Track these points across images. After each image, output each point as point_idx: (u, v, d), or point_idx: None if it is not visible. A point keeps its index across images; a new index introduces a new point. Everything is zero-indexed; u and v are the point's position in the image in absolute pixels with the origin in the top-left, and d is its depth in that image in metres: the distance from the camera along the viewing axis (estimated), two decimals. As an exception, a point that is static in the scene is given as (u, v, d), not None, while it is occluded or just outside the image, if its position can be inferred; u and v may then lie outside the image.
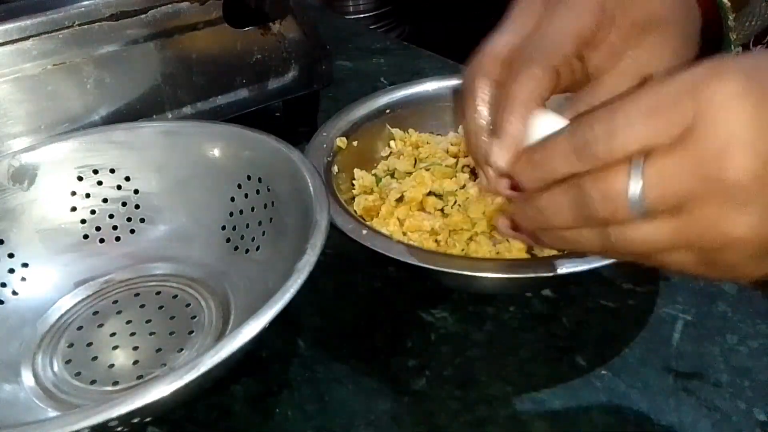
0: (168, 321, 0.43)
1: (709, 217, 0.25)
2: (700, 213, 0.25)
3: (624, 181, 0.25)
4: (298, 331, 0.44)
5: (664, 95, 0.25)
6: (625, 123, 0.25)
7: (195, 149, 0.47)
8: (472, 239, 0.45)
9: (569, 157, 0.27)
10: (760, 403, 0.37)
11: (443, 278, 0.45)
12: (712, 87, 0.24)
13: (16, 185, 0.45)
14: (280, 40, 0.59)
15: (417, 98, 0.56)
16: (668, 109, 0.25)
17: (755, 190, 0.24)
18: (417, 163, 0.53)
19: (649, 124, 0.25)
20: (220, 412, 0.38)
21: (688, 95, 0.24)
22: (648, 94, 0.25)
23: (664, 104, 0.25)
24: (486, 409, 0.38)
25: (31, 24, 0.47)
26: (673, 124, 0.24)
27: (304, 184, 0.41)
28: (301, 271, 0.34)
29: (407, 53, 0.84)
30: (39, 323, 0.43)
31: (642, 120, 0.25)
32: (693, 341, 0.41)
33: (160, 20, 0.52)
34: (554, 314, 0.44)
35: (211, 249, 0.46)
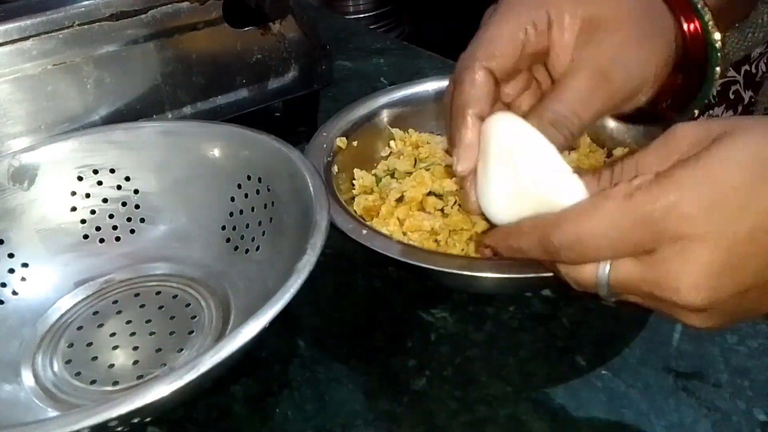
0: (168, 321, 0.43)
1: (664, 307, 0.30)
2: (658, 304, 0.30)
3: (593, 276, 0.30)
4: (298, 331, 0.44)
5: (629, 219, 0.28)
6: (593, 244, 0.28)
7: (195, 149, 0.47)
8: (472, 239, 0.45)
9: (541, 254, 0.31)
10: (760, 403, 0.37)
11: (443, 278, 0.45)
12: (674, 222, 0.27)
13: (16, 185, 0.45)
14: (280, 40, 0.59)
15: (417, 98, 0.56)
16: (631, 234, 0.28)
17: (706, 310, 0.28)
18: (417, 163, 0.53)
19: (615, 247, 0.28)
20: (220, 412, 0.38)
21: (652, 224, 0.27)
22: (612, 214, 0.28)
23: (627, 229, 0.28)
24: (486, 409, 0.38)
25: (31, 24, 0.47)
26: (637, 247, 0.28)
27: (304, 184, 0.41)
28: (301, 271, 0.34)
29: (407, 53, 0.84)
30: (39, 323, 0.43)
31: (607, 243, 0.28)
32: (693, 341, 0.41)
33: (160, 20, 0.52)
34: (554, 314, 0.44)
35: (211, 249, 0.46)
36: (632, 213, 0.27)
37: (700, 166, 0.27)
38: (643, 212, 0.27)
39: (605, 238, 0.28)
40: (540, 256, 0.31)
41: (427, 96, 0.56)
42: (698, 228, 0.27)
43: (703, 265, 0.27)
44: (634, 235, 0.28)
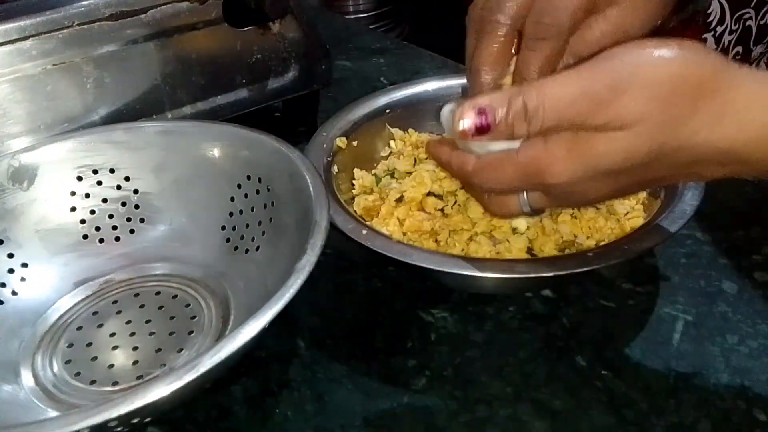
0: (168, 321, 0.43)
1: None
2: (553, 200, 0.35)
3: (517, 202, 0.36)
4: (298, 331, 0.44)
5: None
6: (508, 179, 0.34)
7: (195, 149, 0.47)
8: (472, 239, 0.45)
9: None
10: (760, 403, 0.37)
11: (443, 278, 0.45)
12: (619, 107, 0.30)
13: (16, 185, 0.45)
14: (280, 40, 0.59)
15: (417, 98, 0.56)
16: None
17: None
18: (417, 163, 0.53)
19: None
20: (219, 412, 0.38)
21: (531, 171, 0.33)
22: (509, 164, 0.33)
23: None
24: (486, 409, 0.38)
25: (31, 24, 0.47)
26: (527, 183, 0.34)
27: (304, 184, 0.41)
28: (301, 271, 0.34)
29: (407, 53, 0.84)
30: (38, 323, 0.43)
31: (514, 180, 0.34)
32: (693, 341, 0.41)
33: (160, 20, 0.52)
34: (554, 314, 0.44)
35: (211, 249, 0.46)
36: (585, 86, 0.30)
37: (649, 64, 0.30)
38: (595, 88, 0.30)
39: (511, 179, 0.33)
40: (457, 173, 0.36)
41: (427, 96, 0.56)
42: (638, 120, 0.30)
43: (615, 154, 0.31)
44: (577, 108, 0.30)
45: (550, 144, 0.32)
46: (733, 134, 0.30)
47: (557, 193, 0.34)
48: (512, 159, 0.33)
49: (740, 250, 0.48)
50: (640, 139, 0.30)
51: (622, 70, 0.30)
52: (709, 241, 0.49)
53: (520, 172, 0.33)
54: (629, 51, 0.30)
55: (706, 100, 0.29)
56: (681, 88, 0.29)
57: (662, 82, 0.29)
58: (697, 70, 0.29)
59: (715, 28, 0.71)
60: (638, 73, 0.29)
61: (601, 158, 0.31)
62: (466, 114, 0.31)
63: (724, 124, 0.30)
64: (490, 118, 0.31)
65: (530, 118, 0.30)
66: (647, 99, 0.29)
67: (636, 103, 0.29)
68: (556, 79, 0.30)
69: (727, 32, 0.72)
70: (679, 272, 0.46)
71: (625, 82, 0.29)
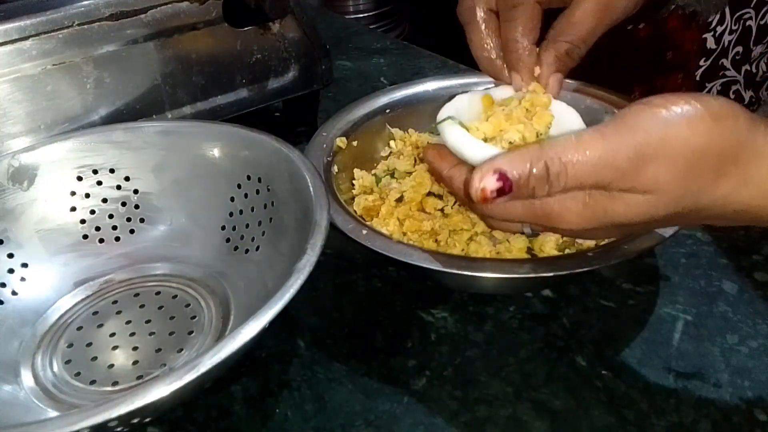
0: (168, 321, 0.43)
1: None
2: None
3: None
4: (298, 331, 0.44)
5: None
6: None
7: (195, 149, 0.47)
8: (472, 239, 0.45)
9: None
10: (760, 403, 0.37)
11: (443, 278, 0.45)
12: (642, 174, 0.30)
13: (16, 185, 0.45)
14: (280, 40, 0.59)
15: (417, 98, 0.56)
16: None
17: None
18: (417, 163, 0.53)
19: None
20: (219, 412, 0.38)
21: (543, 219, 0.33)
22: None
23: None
24: (486, 409, 0.38)
25: (31, 24, 0.47)
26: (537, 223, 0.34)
27: (304, 184, 0.41)
28: (301, 271, 0.34)
29: (407, 53, 0.84)
30: (38, 323, 0.43)
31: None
32: (693, 341, 0.41)
33: (160, 20, 0.52)
34: (554, 314, 0.44)
35: (211, 249, 0.46)
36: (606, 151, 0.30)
37: (671, 130, 0.29)
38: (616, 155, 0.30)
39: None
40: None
41: (427, 96, 0.56)
42: (660, 190, 0.30)
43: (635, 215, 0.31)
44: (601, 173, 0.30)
45: (566, 196, 0.31)
46: (753, 200, 0.30)
47: (561, 234, 0.35)
48: (525, 202, 0.32)
49: (740, 250, 0.48)
50: (660, 204, 0.30)
51: (646, 139, 0.29)
52: (709, 241, 0.49)
53: (531, 213, 0.33)
54: (654, 114, 0.30)
55: (729, 168, 0.30)
56: (706, 159, 0.29)
57: (687, 154, 0.29)
58: (723, 139, 0.29)
59: (715, 28, 0.71)
60: (663, 144, 0.29)
61: (618, 216, 0.31)
62: (486, 179, 0.31)
63: (745, 190, 0.30)
64: (511, 181, 0.30)
65: (551, 182, 0.30)
66: (671, 171, 0.29)
67: (660, 174, 0.29)
68: (580, 144, 0.30)
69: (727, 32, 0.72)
70: (679, 272, 0.46)
71: (650, 152, 0.29)
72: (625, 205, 0.31)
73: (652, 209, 0.30)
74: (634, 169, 0.29)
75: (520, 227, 0.37)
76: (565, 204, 0.32)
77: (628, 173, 0.29)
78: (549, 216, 0.32)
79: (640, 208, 0.30)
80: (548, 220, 0.33)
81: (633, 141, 0.29)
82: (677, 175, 0.29)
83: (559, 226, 0.33)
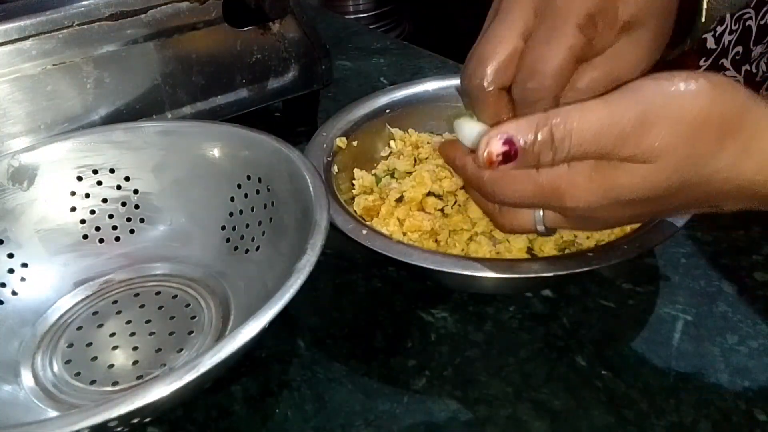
0: (168, 321, 0.43)
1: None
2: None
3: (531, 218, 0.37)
4: (298, 331, 0.44)
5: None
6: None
7: (195, 149, 0.47)
8: (472, 239, 0.45)
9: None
10: (760, 403, 0.37)
11: (443, 278, 0.45)
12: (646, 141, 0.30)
13: (16, 185, 0.45)
14: (280, 40, 0.59)
15: (417, 98, 0.56)
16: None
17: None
18: (417, 163, 0.53)
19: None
20: (219, 412, 0.38)
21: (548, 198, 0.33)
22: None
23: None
24: (486, 409, 0.38)
25: (31, 24, 0.47)
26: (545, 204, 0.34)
27: (304, 184, 0.41)
28: (301, 271, 0.34)
29: (407, 53, 0.84)
30: (38, 323, 0.43)
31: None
32: (693, 341, 0.41)
33: (160, 20, 0.52)
34: (554, 314, 0.44)
35: (211, 249, 0.46)
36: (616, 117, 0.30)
37: (681, 98, 0.29)
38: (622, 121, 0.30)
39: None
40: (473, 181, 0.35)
41: (427, 96, 0.56)
42: (662, 156, 0.30)
43: (638, 186, 0.31)
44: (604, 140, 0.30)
45: (573, 169, 0.32)
46: (756, 173, 0.30)
47: (575, 217, 0.34)
48: (533, 176, 0.32)
49: (740, 250, 0.48)
50: (663, 173, 0.30)
51: (649, 105, 0.29)
52: (709, 241, 0.49)
53: (539, 191, 0.33)
54: (657, 84, 0.30)
55: (731, 138, 0.30)
56: (707, 126, 0.29)
57: (689, 120, 0.29)
58: (724, 107, 0.29)
59: (714, 28, 0.71)
60: (666, 109, 0.29)
61: (622, 189, 0.31)
62: (492, 143, 0.31)
63: (746, 163, 0.30)
64: (517, 147, 0.31)
65: (556, 148, 0.30)
66: (673, 136, 0.29)
67: (662, 139, 0.29)
68: (584, 109, 0.30)
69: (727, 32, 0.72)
70: (679, 272, 0.46)
71: (652, 117, 0.29)
72: (629, 175, 0.31)
73: (654, 178, 0.30)
74: (636, 133, 0.29)
75: (532, 222, 0.36)
76: (573, 179, 0.32)
77: (630, 138, 0.29)
78: (557, 192, 0.32)
79: (643, 179, 0.30)
80: (557, 197, 0.32)
81: (636, 106, 0.29)
82: (679, 141, 0.29)
83: (568, 204, 0.32)
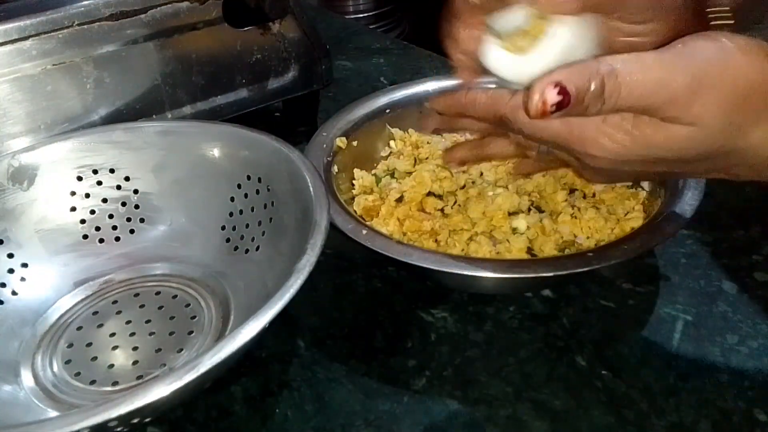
0: (168, 321, 0.43)
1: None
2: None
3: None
4: (298, 331, 0.44)
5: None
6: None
7: (195, 149, 0.47)
8: (472, 239, 0.45)
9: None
10: (760, 403, 0.37)
11: (443, 278, 0.45)
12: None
13: (16, 185, 0.45)
14: (280, 40, 0.59)
15: (417, 98, 0.56)
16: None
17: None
18: (417, 163, 0.53)
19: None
20: (219, 412, 0.38)
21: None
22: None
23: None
24: (486, 409, 0.38)
25: (31, 24, 0.47)
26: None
27: (304, 184, 0.41)
28: (301, 271, 0.34)
29: (407, 53, 0.84)
30: (38, 323, 0.43)
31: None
32: (693, 341, 0.41)
33: (160, 20, 0.52)
34: (554, 314, 0.44)
35: (211, 249, 0.46)
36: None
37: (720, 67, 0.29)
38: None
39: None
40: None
41: (427, 96, 0.56)
42: (703, 122, 0.29)
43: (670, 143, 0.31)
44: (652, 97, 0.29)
45: (608, 120, 0.31)
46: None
47: (589, 163, 0.33)
48: (566, 120, 0.31)
49: (740, 250, 0.48)
50: (702, 138, 0.30)
51: (703, 72, 0.29)
52: (709, 241, 0.49)
53: (565, 134, 0.32)
54: (715, 47, 0.29)
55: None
56: (754, 98, 0.29)
57: (739, 91, 0.29)
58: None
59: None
60: (718, 79, 0.29)
61: (657, 148, 0.31)
62: (548, 91, 0.30)
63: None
64: (570, 96, 0.30)
65: (605, 98, 0.30)
66: (721, 105, 0.29)
67: (710, 107, 0.29)
68: (636, 63, 0.29)
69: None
70: (679, 272, 0.46)
71: (705, 84, 0.29)
72: (667, 135, 0.30)
73: (691, 142, 0.30)
74: (687, 98, 0.29)
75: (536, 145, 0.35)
76: (605, 129, 0.31)
77: (679, 102, 0.29)
78: (582, 139, 0.32)
79: (682, 140, 0.30)
80: (581, 143, 0.32)
81: (692, 68, 0.29)
82: (725, 109, 0.29)
83: (593, 151, 0.32)
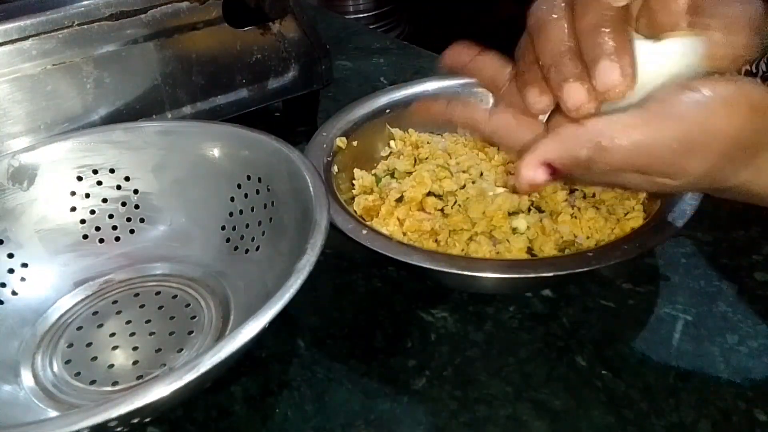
0: (168, 321, 0.43)
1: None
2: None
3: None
4: (298, 331, 0.44)
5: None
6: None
7: (195, 149, 0.47)
8: (472, 239, 0.45)
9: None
10: (760, 403, 0.37)
11: (443, 278, 0.45)
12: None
13: (16, 185, 0.45)
14: (280, 40, 0.59)
15: (417, 98, 0.56)
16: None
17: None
18: (417, 163, 0.53)
19: None
20: (219, 412, 0.38)
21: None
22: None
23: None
24: (486, 409, 0.38)
25: (31, 24, 0.47)
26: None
27: (304, 184, 0.41)
28: (301, 271, 0.34)
29: (407, 53, 0.84)
30: (38, 323, 0.43)
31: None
32: (693, 341, 0.41)
33: (160, 20, 0.52)
34: (554, 314, 0.44)
35: (211, 249, 0.46)
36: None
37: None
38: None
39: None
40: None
41: (427, 96, 0.56)
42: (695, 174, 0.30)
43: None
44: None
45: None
46: (766, 189, 0.32)
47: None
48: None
49: (740, 250, 0.48)
50: (687, 187, 0.32)
51: (690, 131, 0.29)
52: (709, 241, 0.49)
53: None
54: (697, 101, 0.29)
55: (750, 159, 0.30)
56: (736, 152, 0.30)
57: (722, 147, 0.29)
58: (755, 134, 0.30)
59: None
60: (704, 135, 0.29)
61: (637, 187, 0.33)
62: (538, 171, 0.30)
63: (760, 180, 0.31)
64: (559, 170, 0.30)
65: (590, 168, 0.30)
66: (706, 162, 0.30)
67: (692, 167, 0.30)
68: (623, 128, 0.29)
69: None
70: (679, 272, 0.46)
71: (693, 146, 0.29)
72: (650, 183, 0.31)
73: (679, 189, 0.32)
74: (675, 159, 0.30)
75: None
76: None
77: (666, 163, 0.30)
78: (597, 138, 0.31)
79: (663, 187, 0.32)
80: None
81: (676, 131, 0.29)
82: (708, 165, 0.30)
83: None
